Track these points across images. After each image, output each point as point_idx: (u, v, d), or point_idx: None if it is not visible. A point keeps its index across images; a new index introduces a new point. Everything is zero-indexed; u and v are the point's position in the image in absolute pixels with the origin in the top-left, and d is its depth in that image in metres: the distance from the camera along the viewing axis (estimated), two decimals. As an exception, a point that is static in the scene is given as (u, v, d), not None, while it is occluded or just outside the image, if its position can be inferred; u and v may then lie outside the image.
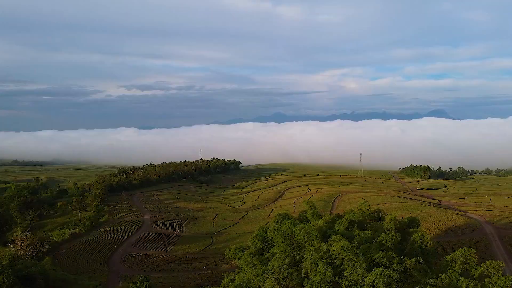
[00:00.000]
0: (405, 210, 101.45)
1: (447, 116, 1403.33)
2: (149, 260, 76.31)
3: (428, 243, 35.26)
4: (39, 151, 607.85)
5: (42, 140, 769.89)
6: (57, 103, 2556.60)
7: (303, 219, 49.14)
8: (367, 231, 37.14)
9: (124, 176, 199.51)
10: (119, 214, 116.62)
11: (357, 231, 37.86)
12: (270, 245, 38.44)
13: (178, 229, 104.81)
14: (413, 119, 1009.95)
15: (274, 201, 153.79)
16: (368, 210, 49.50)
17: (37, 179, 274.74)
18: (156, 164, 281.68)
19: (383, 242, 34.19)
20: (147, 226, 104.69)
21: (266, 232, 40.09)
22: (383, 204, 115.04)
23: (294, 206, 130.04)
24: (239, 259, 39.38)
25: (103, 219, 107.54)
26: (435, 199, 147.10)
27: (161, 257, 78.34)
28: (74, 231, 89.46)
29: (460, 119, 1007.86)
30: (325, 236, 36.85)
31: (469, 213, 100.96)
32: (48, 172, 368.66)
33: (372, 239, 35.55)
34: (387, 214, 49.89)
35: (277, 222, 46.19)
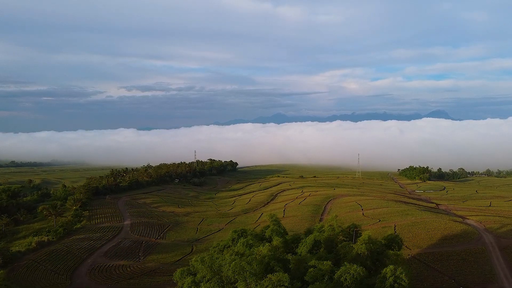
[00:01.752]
0: (399, 215, 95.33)
1: (447, 117, 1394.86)
2: (118, 272, 70.21)
3: (402, 280, 28.23)
4: (37, 152, 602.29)
5: (40, 141, 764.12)
6: (58, 104, 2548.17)
7: (264, 236, 42.61)
8: (325, 262, 30.49)
9: (112, 178, 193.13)
10: (98, 220, 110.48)
11: (313, 261, 31.12)
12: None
13: (158, 236, 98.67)
14: (412, 120, 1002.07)
15: (265, 204, 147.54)
16: (339, 227, 42.74)
17: (30, 181, 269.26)
18: (153, 166, 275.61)
19: (342, 279, 27.77)
20: (126, 232, 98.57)
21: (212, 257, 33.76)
22: (378, 208, 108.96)
23: (284, 210, 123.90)
24: (182, 286, 33.33)
25: (78, 225, 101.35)
26: (432, 202, 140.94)
27: (132, 268, 72.25)
28: (42, 239, 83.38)
29: (461, 120, 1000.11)
30: (267, 269, 30.49)
31: (467, 218, 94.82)
32: (44, 173, 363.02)
33: (329, 273, 29.16)
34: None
35: (233, 240, 40.11)
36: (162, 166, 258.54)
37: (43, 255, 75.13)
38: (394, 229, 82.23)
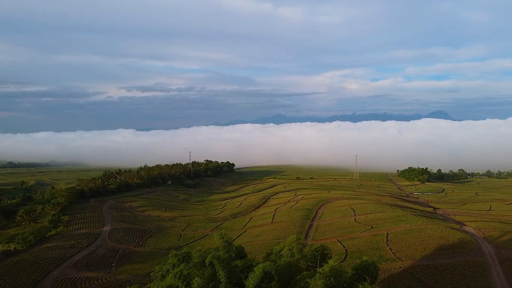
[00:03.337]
0: (393, 222, 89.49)
1: (448, 117, 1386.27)
2: (84, 285, 64.40)
3: None
4: (35, 152, 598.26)
5: (39, 142, 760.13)
6: (58, 105, 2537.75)
7: (209, 262, 35.90)
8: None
9: (100, 180, 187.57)
10: (76, 225, 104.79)
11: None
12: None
13: (137, 243, 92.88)
14: (411, 120, 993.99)
15: (256, 208, 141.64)
16: (301, 251, 35.96)
17: (23, 182, 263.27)
18: (150, 167, 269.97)
19: None
20: (103, 239, 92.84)
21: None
22: (371, 213, 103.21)
23: (274, 215, 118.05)
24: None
25: (53, 232, 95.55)
26: (430, 206, 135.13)
27: (100, 281, 66.48)
28: (8, 248, 77.68)
29: (462, 120, 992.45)
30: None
31: (465, 225, 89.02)
32: (39, 174, 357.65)
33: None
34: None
35: (174, 266, 34.39)
36: (154, 168, 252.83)
37: (5, 266, 69.31)
38: (387, 238, 76.51)
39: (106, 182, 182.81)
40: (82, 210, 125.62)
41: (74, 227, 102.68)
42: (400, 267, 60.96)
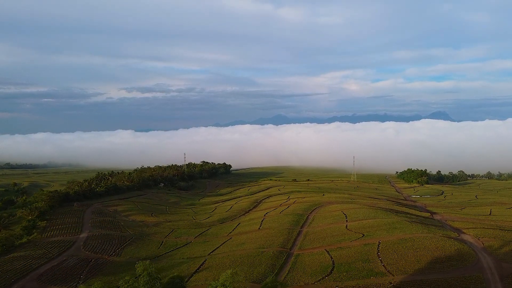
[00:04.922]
0: (386, 229, 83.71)
1: (448, 118, 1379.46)
2: (43, 302, 58.90)
3: None
4: (33, 153, 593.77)
5: (37, 143, 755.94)
6: (58, 106, 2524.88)
7: None
8: None
9: (87, 183, 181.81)
10: (53, 232, 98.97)
11: None
12: None
13: (114, 252, 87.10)
14: (411, 121, 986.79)
15: (246, 213, 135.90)
16: None
17: (15, 184, 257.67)
18: (147, 167, 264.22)
19: None
20: (77, 248, 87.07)
21: None
22: (364, 220, 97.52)
23: (262, 221, 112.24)
24: None
25: (24, 240, 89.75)
26: (428, 211, 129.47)
27: (62, 297, 60.91)
28: (-31, 259, 72.10)
29: (461, 121, 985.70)
30: None
31: (463, 233, 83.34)
32: (35, 175, 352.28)
33: None
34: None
35: None
36: (146, 170, 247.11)
37: (-40, 280, 63.83)
38: (378, 248, 70.72)
39: (93, 185, 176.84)
40: (63, 215, 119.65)
41: (49, 234, 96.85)
42: (390, 283, 55.25)
